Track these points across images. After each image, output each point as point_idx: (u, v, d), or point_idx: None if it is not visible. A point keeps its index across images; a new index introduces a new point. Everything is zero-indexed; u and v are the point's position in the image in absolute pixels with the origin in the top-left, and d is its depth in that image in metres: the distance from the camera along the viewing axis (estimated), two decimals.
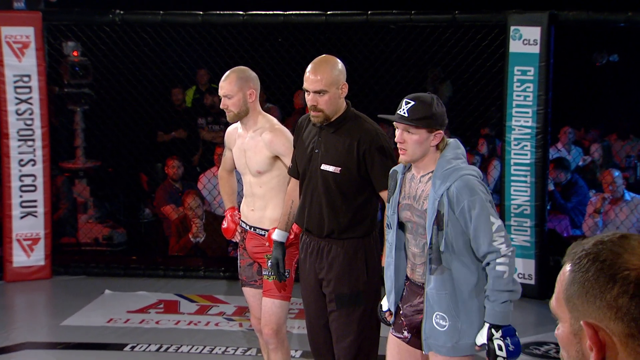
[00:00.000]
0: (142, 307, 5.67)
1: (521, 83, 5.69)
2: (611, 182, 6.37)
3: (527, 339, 5.05)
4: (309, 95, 3.42)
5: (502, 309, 2.85)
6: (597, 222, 6.41)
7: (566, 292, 1.13)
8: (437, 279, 2.91)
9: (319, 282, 3.52)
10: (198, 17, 6.22)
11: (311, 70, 3.42)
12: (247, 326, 5.28)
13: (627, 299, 1.06)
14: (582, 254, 1.13)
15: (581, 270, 1.11)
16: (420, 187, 2.98)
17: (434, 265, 2.90)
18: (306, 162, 3.49)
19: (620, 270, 1.08)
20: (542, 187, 5.75)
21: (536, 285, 5.77)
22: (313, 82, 3.39)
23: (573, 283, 1.12)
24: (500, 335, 2.84)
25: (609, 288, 1.08)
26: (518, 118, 5.72)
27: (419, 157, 2.95)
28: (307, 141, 3.52)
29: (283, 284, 3.70)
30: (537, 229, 5.74)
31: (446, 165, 2.91)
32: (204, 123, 8.44)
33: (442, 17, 6.01)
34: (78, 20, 6.45)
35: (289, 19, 6.17)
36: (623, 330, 1.06)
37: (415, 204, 2.99)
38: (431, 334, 2.96)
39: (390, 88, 7.09)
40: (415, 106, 2.92)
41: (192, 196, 6.75)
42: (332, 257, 3.45)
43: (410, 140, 2.91)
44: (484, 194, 2.86)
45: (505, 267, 2.84)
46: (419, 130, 2.90)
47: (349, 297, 3.45)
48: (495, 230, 2.84)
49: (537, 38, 5.58)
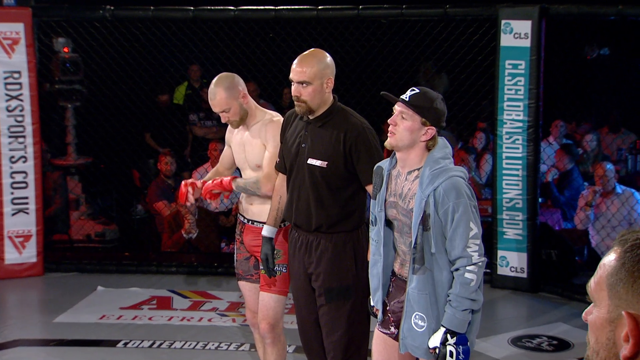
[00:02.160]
0: (135, 303, 5.67)
1: (512, 77, 5.70)
2: (603, 175, 6.39)
3: (519, 332, 5.07)
4: (293, 86, 3.45)
5: (462, 317, 2.85)
6: (588, 216, 6.43)
7: (610, 278, 1.10)
8: (420, 279, 2.91)
9: (309, 277, 3.53)
10: (189, 13, 6.20)
11: (297, 61, 3.45)
12: (240, 322, 5.29)
13: None
14: (636, 243, 1.09)
15: (632, 259, 1.08)
16: (406, 186, 2.97)
17: (417, 265, 2.90)
18: (293, 157, 3.50)
19: None
20: (533, 180, 5.76)
21: (528, 279, 5.79)
22: (297, 73, 3.42)
23: (620, 270, 1.09)
24: (455, 342, 2.84)
25: None
26: (509, 112, 5.73)
27: (404, 146, 2.93)
28: (293, 136, 3.53)
29: (279, 278, 3.70)
30: (529, 223, 5.76)
31: (434, 165, 2.89)
32: (196, 119, 8.42)
33: (433, 11, 6.01)
34: (68, 16, 6.43)
35: (280, 14, 6.17)
36: None
37: (401, 202, 2.97)
38: (409, 334, 2.96)
39: (382, 82, 7.09)
40: (418, 94, 2.94)
41: None
42: (321, 251, 3.46)
43: (402, 125, 2.91)
44: (469, 198, 2.86)
45: (473, 275, 2.84)
46: (414, 117, 2.90)
47: (338, 291, 3.46)
48: (471, 236, 2.84)
49: (528, 32, 5.59)
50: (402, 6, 6.01)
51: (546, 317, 5.38)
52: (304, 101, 3.43)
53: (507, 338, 4.95)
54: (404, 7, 6.01)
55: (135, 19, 6.48)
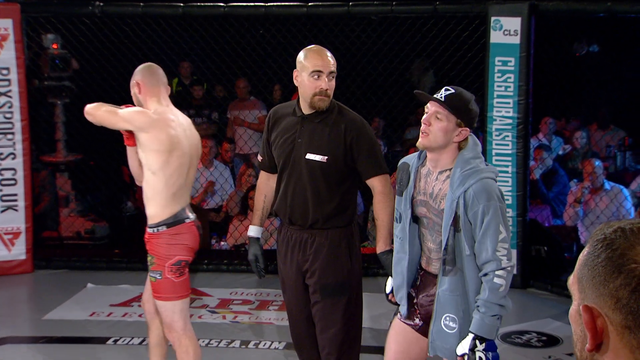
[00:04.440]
0: (125, 300, 5.66)
1: (502, 73, 5.71)
2: (591, 172, 6.42)
3: (508, 328, 5.08)
4: (319, 79, 3.34)
5: (491, 322, 2.80)
6: (577, 212, 6.46)
7: (579, 272, 1.14)
8: (451, 281, 2.85)
9: (302, 274, 3.51)
10: (179, 9, 6.18)
11: (320, 51, 3.38)
12: (230, 318, 5.28)
13: (629, 292, 1.07)
14: (601, 238, 1.12)
15: (594, 254, 1.12)
16: (437, 185, 2.91)
17: (448, 267, 2.85)
18: (287, 153, 3.46)
19: (628, 262, 1.08)
20: (523, 177, 5.78)
21: (518, 275, 5.81)
22: (331, 65, 3.35)
23: (585, 265, 1.13)
24: (484, 349, 2.79)
25: (613, 277, 1.08)
26: (499, 108, 5.75)
27: (438, 147, 2.86)
28: (286, 132, 3.48)
29: (165, 285, 3.58)
30: (519, 219, 5.78)
31: (465, 165, 2.84)
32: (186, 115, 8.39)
33: (423, 7, 6.02)
34: (57, 12, 6.40)
35: (270, 11, 6.16)
36: (621, 321, 1.07)
37: (432, 202, 2.92)
38: (438, 337, 2.91)
39: (372, 79, 7.10)
40: (454, 94, 2.87)
41: None
42: (316, 247, 3.44)
43: (436, 126, 2.84)
44: (499, 201, 2.81)
45: (502, 280, 2.78)
46: (449, 117, 2.83)
47: (333, 287, 3.44)
48: (501, 239, 2.78)
49: (517, 28, 5.61)
50: (392, 3, 6.02)
51: (536, 313, 5.40)
52: (329, 95, 3.38)
53: (497, 334, 4.96)
54: (394, 3, 6.01)
55: (124, 15, 6.46)
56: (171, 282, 3.59)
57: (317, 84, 3.35)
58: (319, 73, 3.34)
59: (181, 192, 3.62)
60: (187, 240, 3.64)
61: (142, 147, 3.55)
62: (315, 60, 3.35)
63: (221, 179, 7.50)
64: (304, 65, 3.37)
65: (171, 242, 3.59)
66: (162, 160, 3.53)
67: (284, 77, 7.89)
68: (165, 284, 3.59)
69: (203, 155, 7.49)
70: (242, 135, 8.05)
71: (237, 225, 6.80)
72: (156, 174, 3.55)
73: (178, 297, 3.63)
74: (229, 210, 7.25)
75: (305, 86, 3.37)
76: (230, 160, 7.88)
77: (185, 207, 3.66)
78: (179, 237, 3.61)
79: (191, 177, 3.70)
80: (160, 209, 3.58)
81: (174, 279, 3.59)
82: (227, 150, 7.86)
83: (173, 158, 3.55)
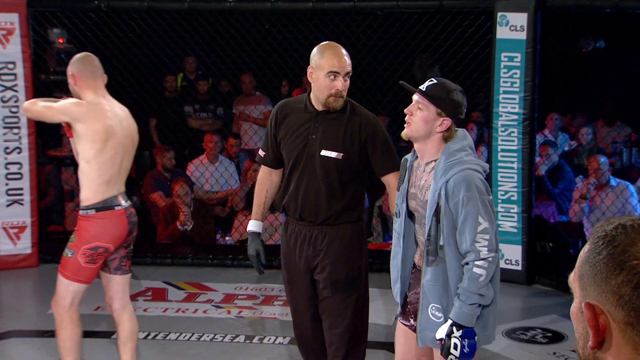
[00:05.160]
0: (130, 294, 5.65)
1: (508, 69, 5.70)
2: (597, 168, 6.41)
3: (513, 324, 5.08)
4: (335, 79, 3.32)
5: (469, 311, 2.82)
6: (583, 208, 6.45)
7: (580, 270, 1.14)
8: (433, 271, 2.89)
9: (311, 270, 3.48)
10: (184, 4, 6.18)
11: (337, 52, 3.34)
12: (235, 313, 5.29)
13: (631, 288, 1.06)
14: (602, 234, 1.12)
15: (596, 251, 1.11)
16: (424, 177, 2.94)
17: (431, 257, 2.88)
18: (300, 149, 3.42)
19: (630, 258, 1.08)
20: (529, 173, 5.77)
21: (523, 271, 5.81)
22: (347, 65, 3.33)
23: (586, 262, 1.12)
24: (460, 335, 2.81)
25: (615, 274, 1.08)
26: (505, 104, 5.74)
27: (420, 137, 2.91)
28: (298, 127, 3.44)
29: (70, 263, 3.73)
30: (524, 215, 5.77)
31: (450, 157, 2.86)
32: (191, 110, 8.41)
33: (429, 3, 6.00)
34: (63, 7, 6.40)
35: (276, 6, 6.15)
36: (623, 318, 1.07)
37: (419, 194, 2.96)
38: (427, 326, 2.93)
39: (378, 74, 7.09)
40: (435, 85, 2.93)
41: (181, 184, 6.74)
42: (327, 243, 3.42)
43: (417, 116, 2.89)
44: (480, 192, 2.81)
45: (482, 270, 2.80)
46: (429, 107, 2.88)
47: (344, 282, 3.43)
48: (480, 231, 2.80)
49: (523, 24, 5.59)
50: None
51: (540, 309, 5.40)
52: (343, 96, 3.37)
53: (502, 330, 4.96)
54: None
55: (130, 10, 6.45)
56: (79, 264, 3.74)
57: (333, 85, 3.32)
58: (336, 74, 3.31)
59: (115, 180, 3.76)
60: (112, 228, 3.76)
61: (78, 137, 3.67)
62: (332, 60, 3.31)
63: (226, 174, 7.50)
64: (319, 64, 3.33)
65: (96, 227, 3.73)
66: (96, 149, 3.66)
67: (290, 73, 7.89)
68: (73, 263, 3.75)
69: (208, 150, 7.51)
70: (248, 131, 8.05)
71: (242, 220, 6.80)
72: (90, 163, 3.69)
73: (77, 279, 3.79)
74: (234, 205, 7.26)
75: (321, 85, 3.34)
76: (235, 155, 7.88)
77: (119, 195, 3.79)
78: (104, 222, 3.73)
79: (126, 165, 3.83)
80: (92, 194, 3.72)
81: (83, 262, 3.74)
82: (232, 145, 7.86)
83: (107, 147, 3.68)
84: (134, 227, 3.87)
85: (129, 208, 3.83)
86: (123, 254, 3.93)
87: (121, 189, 3.81)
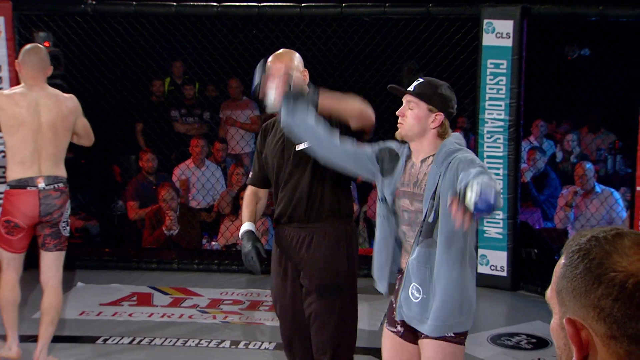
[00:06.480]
0: (115, 299, 5.65)
1: (494, 76, 5.73)
2: (582, 175, 6.44)
3: (498, 330, 5.10)
4: None
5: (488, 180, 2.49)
6: (568, 215, 6.48)
7: (558, 285, 1.13)
8: (422, 252, 2.86)
9: (298, 274, 3.49)
10: (171, 8, 6.17)
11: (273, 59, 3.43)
12: (221, 319, 5.28)
13: (610, 301, 1.06)
14: (576, 248, 1.12)
15: (572, 265, 1.11)
16: (422, 171, 2.93)
17: (421, 238, 2.86)
18: (279, 157, 3.46)
19: (607, 271, 1.07)
20: (514, 179, 5.80)
21: (508, 277, 5.83)
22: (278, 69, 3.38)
23: (563, 277, 1.12)
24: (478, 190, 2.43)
25: (594, 288, 1.07)
26: (491, 111, 5.77)
27: (414, 135, 2.92)
28: (274, 138, 3.51)
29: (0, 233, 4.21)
30: (510, 222, 5.79)
31: (450, 146, 2.88)
32: (178, 115, 8.39)
33: (416, 9, 6.03)
34: (50, 10, 6.38)
35: (263, 11, 6.16)
36: (605, 332, 1.06)
37: (416, 190, 2.93)
38: (404, 303, 2.93)
39: (365, 80, 7.10)
40: (423, 83, 2.95)
41: (167, 189, 6.73)
42: (315, 246, 3.42)
43: (410, 115, 2.91)
44: (484, 167, 2.78)
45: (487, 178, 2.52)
46: (420, 105, 2.90)
47: (331, 287, 3.43)
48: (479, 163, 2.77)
49: (509, 31, 5.63)
50: (385, 4, 6.02)
51: (525, 315, 5.42)
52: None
53: (487, 336, 4.98)
54: (386, 5, 6.02)
55: (117, 14, 6.44)
56: (1, 233, 4.23)
57: None
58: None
59: (30, 163, 4.13)
60: (22, 206, 4.15)
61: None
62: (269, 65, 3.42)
63: (213, 179, 7.49)
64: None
65: (7, 203, 4.18)
66: (8, 133, 4.13)
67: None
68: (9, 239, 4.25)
69: (195, 155, 7.50)
70: (234, 135, 8.04)
71: (229, 225, 6.79)
72: (6, 145, 4.19)
73: (3, 247, 4.27)
74: (220, 210, 7.25)
75: None
76: (222, 160, 7.87)
77: (38, 177, 4.16)
78: (15, 199, 4.14)
79: (49, 151, 4.18)
80: (9, 172, 4.18)
81: (3, 232, 4.22)
82: (219, 149, 7.85)
83: (18, 132, 4.11)
84: (49, 209, 4.19)
85: (49, 191, 4.17)
86: (47, 233, 4.27)
87: (44, 171, 4.16)
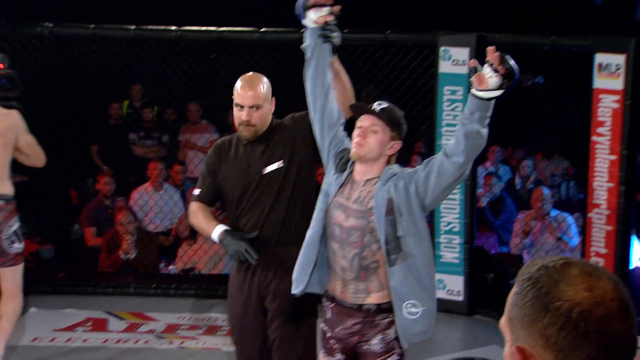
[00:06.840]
0: (70, 325, 5.55)
1: (451, 102, 5.81)
2: (539, 198, 6.54)
3: (454, 355, 5.13)
4: (241, 111, 3.45)
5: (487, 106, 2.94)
6: (524, 242, 6.57)
7: (509, 313, 1.15)
8: (401, 269, 2.83)
9: (261, 299, 3.47)
10: (130, 32, 6.15)
11: (244, 85, 3.46)
12: (177, 344, 5.23)
13: (556, 329, 1.08)
14: (527, 277, 1.14)
15: (522, 294, 1.13)
16: (365, 189, 2.91)
17: (393, 256, 2.82)
18: (243, 179, 3.47)
19: (553, 300, 1.09)
20: (471, 204, 5.86)
21: (464, 302, 5.87)
22: (250, 98, 3.43)
23: (515, 305, 1.14)
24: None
25: (541, 316, 1.09)
26: (447, 137, 5.84)
27: (371, 158, 2.91)
28: (237, 160, 3.52)
29: None
30: (466, 246, 5.85)
31: (394, 170, 2.93)
32: (136, 138, 8.34)
33: (374, 36, 6.10)
34: (4, 33, 6.30)
35: (222, 35, 6.17)
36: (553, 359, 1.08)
37: (356, 205, 2.90)
38: (406, 327, 2.88)
39: None
40: (389, 108, 2.94)
41: (124, 212, 6.66)
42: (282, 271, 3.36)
43: (372, 138, 2.89)
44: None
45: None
46: (385, 130, 2.90)
47: (297, 311, 3.41)
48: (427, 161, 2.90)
49: (465, 59, 5.72)
50: (344, 30, 6.06)
51: (481, 340, 5.46)
52: (254, 125, 3.45)
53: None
54: (345, 31, 6.04)
55: (74, 37, 6.39)
56: None
57: (239, 115, 3.48)
58: (241, 106, 3.46)
59: None
60: None
61: None
62: (237, 93, 3.47)
63: (171, 202, 7.45)
64: (234, 96, 3.49)
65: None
66: None
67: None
68: None
69: (153, 178, 7.45)
70: (193, 159, 8.01)
71: (186, 249, 6.74)
72: None
73: None
74: (178, 233, 7.20)
75: (234, 115, 3.52)
76: (181, 183, 7.83)
77: None
78: None
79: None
80: None
81: None
82: (177, 172, 7.81)
83: None
84: None
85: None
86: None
87: None
